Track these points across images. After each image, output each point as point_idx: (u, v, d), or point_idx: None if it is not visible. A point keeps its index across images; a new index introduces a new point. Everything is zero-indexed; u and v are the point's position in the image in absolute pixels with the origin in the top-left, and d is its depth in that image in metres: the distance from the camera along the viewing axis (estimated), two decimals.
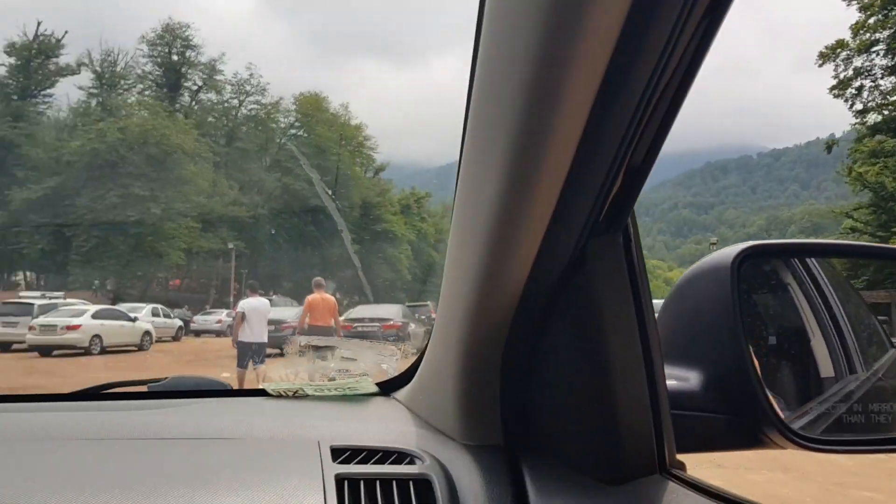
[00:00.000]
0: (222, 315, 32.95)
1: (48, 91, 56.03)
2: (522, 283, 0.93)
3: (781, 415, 1.02)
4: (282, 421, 1.33)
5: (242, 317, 11.53)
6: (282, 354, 13.86)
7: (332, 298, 12.11)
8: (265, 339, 11.63)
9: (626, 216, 0.91)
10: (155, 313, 27.28)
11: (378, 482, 1.05)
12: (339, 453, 1.14)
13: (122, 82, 59.66)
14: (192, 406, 1.48)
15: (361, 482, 1.05)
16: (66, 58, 56.54)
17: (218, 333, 31.48)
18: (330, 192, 53.57)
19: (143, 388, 1.68)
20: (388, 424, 1.33)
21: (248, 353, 11.39)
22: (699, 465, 1.05)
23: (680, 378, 1.03)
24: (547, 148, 0.73)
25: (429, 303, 29.56)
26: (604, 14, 0.62)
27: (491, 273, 0.91)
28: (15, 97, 53.96)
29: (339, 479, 1.05)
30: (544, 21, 0.63)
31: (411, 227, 62.65)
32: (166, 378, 1.69)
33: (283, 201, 55.62)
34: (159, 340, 24.64)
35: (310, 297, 11.76)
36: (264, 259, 54.07)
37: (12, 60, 54.32)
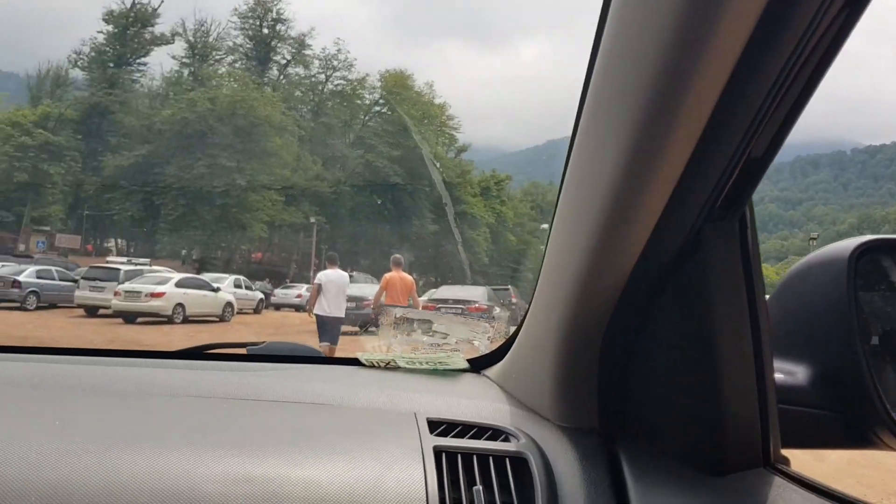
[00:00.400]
0: (302, 289, 32.71)
1: (142, 59, 57.62)
2: (632, 265, 0.92)
3: (895, 415, 0.98)
4: (376, 390, 1.33)
5: (319, 288, 10.96)
6: (360, 332, 13.12)
7: (410, 278, 11.37)
8: (342, 315, 11.03)
9: (744, 203, 0.89)
10: (237, 284, 27.09)
11: (475, 457, 1.06)
12: (434, 426, 1.15)
13: (214, 53, 60.68)
14: (289, 371, 1.50)
15: (459, 456, 1.05)
16: (161, 27, 57.87)
17: (297, 308, 31.28)
18: (437, 165, 53.16)
19: (242, 351, 1.71)
20: (481, 401, 1.30)
21: (326, 327, 10.84)
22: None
23: (786, 372, 1.01)
24: (670, 135, 0.73)
25: (509, 287, 28.81)
26: (743, 1, 0.62)
27: (601, 253, 0.91)
28: (111, 64, 55.58)
29: (438, 452, 1.05)
30: (680, 6, 0.63)
31: (490, 209, 61.54)
32: (263, 342, 1.73)
33: (364, 178, 55.39)
34: (240, 312, 24.34)
35: (388, 275, 11.03)
36: (344, 235, 54.04)
37: (110, 28, 56.13)
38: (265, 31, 61.66)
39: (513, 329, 1.44)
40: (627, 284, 0.95)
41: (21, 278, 22.50)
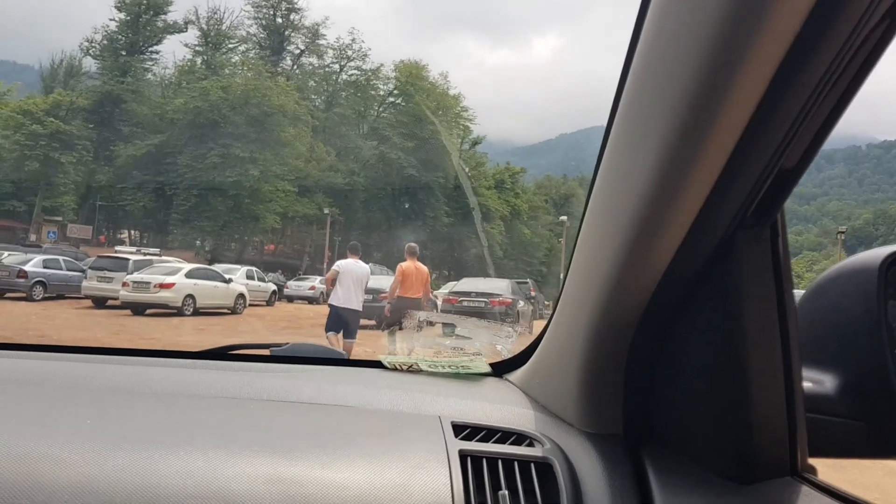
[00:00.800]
0: (315, 281, 32.25)
1: (155, 48, 57.30)
2: (662, 271, 0.93)
3: None
4: (400, 393, 1.34)
5: (335, 276, 10.22)
6: (377, 327, 12.45)
7: (425, 268, 10.68)
8: (358, 308, 10.29)
9: (775, 212, 0.90)
10: (249, 276, 26.41)
11: (500, 461, 1.06)
12: (459, 430, 1.16)
13: (227, 42, 60.26)
14: (313, 372, 1.52)
15: (484, 460, 1.06)
16: (174, 15, 57.43)
17: (310, 300, 30.78)
18: (467, 170, 52.73)
19: (266, 352, 1.73)
20: (504, 405, 1.30)
21: (338, 319, 10.13)
22: None
23: (813, 380, 1.01)
24: (705, 143, 0.74)
25: (528, 280, 28.22)
26: (784, 11, 0.62)
27: (631, 258, 0.91)
28: (123, 53, 55.24)
29: (463, 455, 1.06)
30: (721, 15, 0.64)
31: (504, 202, 60.92)
32: (287, 344, 1.75)
33: (379, 169, 54.86)
34: (252, 305, 23.63)
35: (403, 265, 10.35)
36: (358, 227, 53.51)
37: (122, 16, 55.70)
38: (279, 20, 61.23)
39: (536, 324, 1.14)
40: (656, 290, 0.95)
41: (27, 268, 21.87)
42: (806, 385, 0.97)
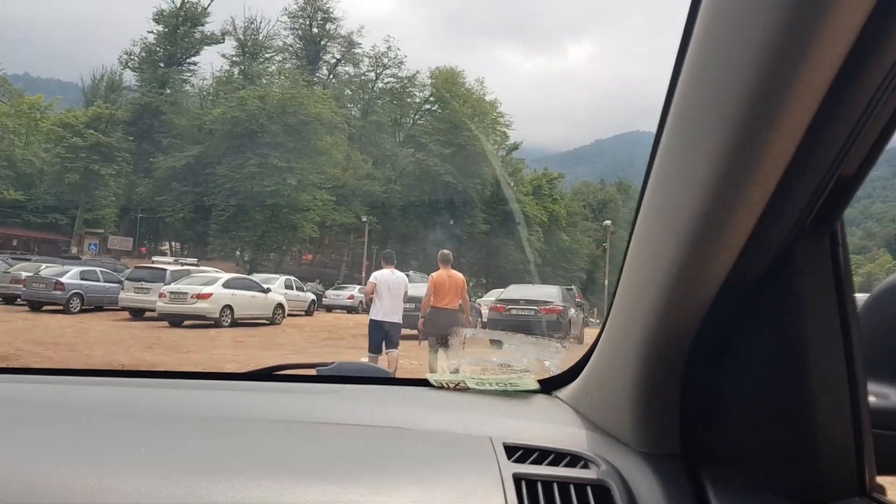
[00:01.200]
0: (354, 290, 31.77)
1: (193, 59, 57.73)
2: (720, 282, 0.90)
3: None
4: (449, 413, 1.33)
5: (373, 288, 9.59)
6: (417, 338, 11.85)
7: (460, 276, 9.86)
8: (398, 320, 9.66)
9: (836, 219, 0.87)
10: (288, 285, 25.92)
11: (555, 485, 1.04)
12: (511, 451, 1.14)
13: (264, 52, 60.47)
14: (360, 392, 1.52)
15: (539, 483, 1.03)
16: (211, 26, 57.84)
17: (349, 309, 30.21)
18: (512, 184, 51.97)
19: (312, 372, 1.72)
20: (556, 425, 1.28)
21: (380, 335, 9.48)
22: None
23: (879, 394, 0.97)
24: (763, 151, 0.72)
25: (573, 287, 27.38)
26: (844, 15, 0.61)
27: (687, 270, 0.88)
28: (162, 64, 55.71)
29: (517, 479, 1.03)
30: (779, 18, 0.63)
31: (542, 208, 60.00)
32: (333, 363, 1.74)
33: (415, 177, 54.38)
34: (291, 315, 23.14)
35: (435, 275, 9.61)
36: (395, 235, 53.06)
37: (160, 28, 56.27)
38: (315, 30, 61.36)
39: (586, 332, 1.17)
40: (713, 302, 0.91)
41: (64, 280, 21.57)
42: (871, 399, 0.91)
